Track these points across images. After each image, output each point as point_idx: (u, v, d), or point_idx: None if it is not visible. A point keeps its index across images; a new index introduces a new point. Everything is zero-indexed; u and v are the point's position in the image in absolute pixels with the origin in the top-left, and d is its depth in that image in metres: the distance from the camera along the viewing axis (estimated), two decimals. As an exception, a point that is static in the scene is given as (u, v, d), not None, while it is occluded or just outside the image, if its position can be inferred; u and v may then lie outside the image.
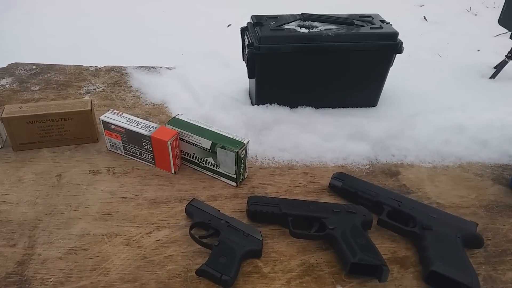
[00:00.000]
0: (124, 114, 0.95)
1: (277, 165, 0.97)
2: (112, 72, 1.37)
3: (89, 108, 0.97)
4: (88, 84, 1.29)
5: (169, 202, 0.86)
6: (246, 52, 0.99)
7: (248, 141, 0.87)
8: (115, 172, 0.94)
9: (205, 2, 3.67)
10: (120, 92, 1.25)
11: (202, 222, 0.78)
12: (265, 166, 0.97)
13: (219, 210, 0.80)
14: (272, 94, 1.07)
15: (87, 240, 0.77)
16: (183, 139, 0.92)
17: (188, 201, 0.83)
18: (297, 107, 1.09)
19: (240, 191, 0.89)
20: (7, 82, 1.28)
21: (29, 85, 1.27)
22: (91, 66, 1.40)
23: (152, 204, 0.85)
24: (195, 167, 0.94)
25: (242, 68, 1.26)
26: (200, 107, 1.13)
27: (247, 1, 3.58)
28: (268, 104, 1.07)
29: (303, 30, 0.98)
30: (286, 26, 1.00)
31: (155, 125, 0.92)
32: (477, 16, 3.67)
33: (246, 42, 1.01)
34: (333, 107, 1.10)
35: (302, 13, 1.01)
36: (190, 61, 1.38)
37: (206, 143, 0.88)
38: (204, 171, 0.93)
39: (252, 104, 1.11)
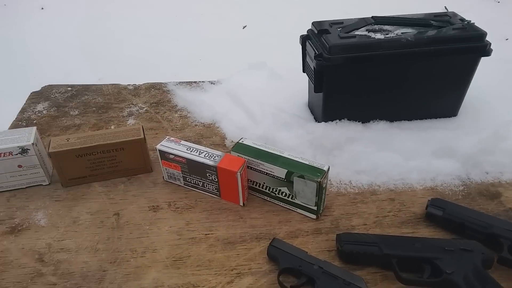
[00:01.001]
0: (183, 142, 0.85)
1: (356, 191, 0.86)
2: (153, 89, 1.27)
3: (142, 136, 0.87)
4: (129, 105, 1.20)
5: (244, 242, 0.76)
6: (314, 64, 0.88)
7: (329, 168, 0.77)
8: (178, 207, 0.84)
9: (211, 3, 3.59)
10: (165, 112, 1.16)
11: (291, 268, 0.67)
12: (343, 192, 0.86)
13: (307, 252, 0.70)
14: (342, 109, 0.96)
15: (162, 294, 0.67)
16: (251, 167, 0.81)
17: (268, 241, 0.73)
18: (369, 122, 0.97)
19: (322, 224, 0.79)
20: (44, 108, 1.19)
21: (67, 109, 1.18)
22: (129, 85, 1.31)
23: (226, 245, 0.75)
24: (265, 197, 0.84)
25: (296, 79, 1.16)
26: (257, 126, 1.03)
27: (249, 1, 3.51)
28: (337, 121, 0.96)
29: (378, 35, 0.87)
30: (357, 32, 0.89)
31: (219, 153, 0.82)
32: (500, 3, 3.52)
33: (312, 53, 0.90)
34: (409, 119, 0.99)
35: (372, 16, 0.90)
36: (235, 73, 1.28)
37: (280, 172, 0.78)
38: (277, 202, 0.83)
39: (318, 121, 1.00)
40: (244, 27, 3.02)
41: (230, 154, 0.82)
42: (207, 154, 0.82)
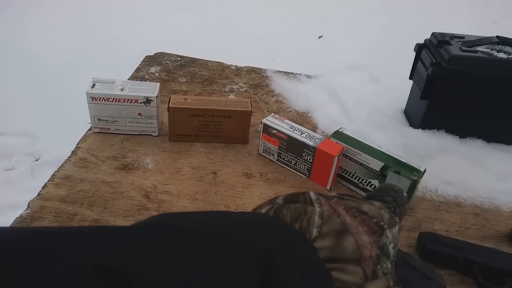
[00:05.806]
0: (286, 120, 0.92)
1: (441, 199, 0.88)
2: (253, 73, 1.36)
3: (250, 109, 0.95)
4: (231, 82, 1.29)
5: (328, 221, 0.81)
6: (429, 71, 0.90)
7: (425, 170, 0.79)
8: (268, 179, 0.91)
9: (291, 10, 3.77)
10: (263, 95, 1.24)
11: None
12: (427, 198, 0.88)
13: (389, 241, 0.73)
14: (442, 120, 0.98)
15: (250, 247, 0.74)
16: (346, 155, 0.86)
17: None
18: (466, 138, 0.98)
19: (404, 222, 0.82)
20: (156, 71, 1.32)
21: (176, 76, 1.30)
22: (231, 65, 1.41)
23: (311, 220, 0.81)
24: (351, 187, 0.89)
25: (394, 86, 1.19)
26: (351, 122, 1.07)
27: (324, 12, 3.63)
28: (435, 130, 0.98)
29: (501, 55, 0.88)
30: (478, 48, 0.90)
31: (319, 136, 0.88)
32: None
33: (428, 60, 0.93)
34: (508, 143, 0.98)
35: (497, 36, 0.91)
36: (334, 71, 1.33)
37: (376, 164, 0.82)
38: (362, 193, 0.87)
39: (413, 127, 1.02)
40: (320, 37, 3.09)
41: (330, 140, 0.87)
42: (308, 135, 0.88)
